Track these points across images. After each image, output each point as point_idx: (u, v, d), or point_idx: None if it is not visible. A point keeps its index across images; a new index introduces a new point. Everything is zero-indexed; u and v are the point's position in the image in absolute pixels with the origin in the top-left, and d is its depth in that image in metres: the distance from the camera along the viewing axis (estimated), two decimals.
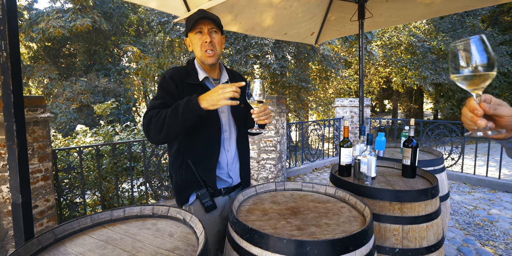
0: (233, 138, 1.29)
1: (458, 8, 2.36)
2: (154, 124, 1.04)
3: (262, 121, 1.08)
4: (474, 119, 0.56)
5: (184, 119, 1.01)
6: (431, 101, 14.49)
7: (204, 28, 1.16)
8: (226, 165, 1.26)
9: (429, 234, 1.29)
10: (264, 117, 1.07)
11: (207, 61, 1.19)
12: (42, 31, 9.00)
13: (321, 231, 0.95)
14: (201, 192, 1.18)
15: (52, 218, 2.29)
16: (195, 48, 1.20)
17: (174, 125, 1.02)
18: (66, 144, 3.33)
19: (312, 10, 2.61)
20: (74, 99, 9.78)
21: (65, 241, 0.87)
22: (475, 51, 0.53)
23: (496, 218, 2.92)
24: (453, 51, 0.56)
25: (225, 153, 1.25)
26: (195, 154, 1.20)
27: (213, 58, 1.19)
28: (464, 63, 0.54)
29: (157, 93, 1.17)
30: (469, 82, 0.55)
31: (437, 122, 4.85)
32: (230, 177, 1.28)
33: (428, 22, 10.24)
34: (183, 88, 1.17)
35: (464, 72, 0.55)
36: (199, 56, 1.21)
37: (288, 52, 8.28)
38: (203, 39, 1.16)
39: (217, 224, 1.26)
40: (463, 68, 0.55)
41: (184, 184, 1.21)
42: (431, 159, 2.02)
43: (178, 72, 1.21)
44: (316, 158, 5.25)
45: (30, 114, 2.10)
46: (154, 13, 8.60)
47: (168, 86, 1.15)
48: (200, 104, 0.99)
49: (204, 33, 1.16)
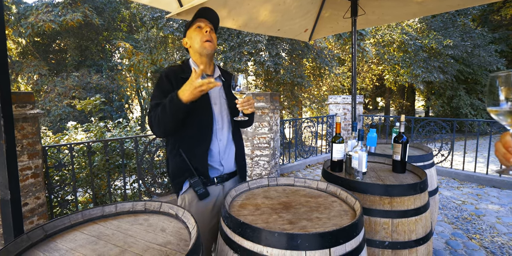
0: (226, 128, 1.36)
1: (449, 6, 2.38)
2: (154, 123, 1.18)
3: (246, 110, 1.19)
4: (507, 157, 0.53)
5: (172, 115, 1.12)
6: (422, 98, 14.71)
7: (203, 23, 1.29)
8: (218, 153, 1.32)
9: (418, 228, 1.32)
10: (248, 106, 1.17)
11: (206, 50, 1.28)
12: (31, 26, 8.76)
13: (312, 224, 0.96)
14: (193, 180, 1.25)
15: (43, 216, 2.26)
16: (194, 40, 1.28)
17: (167, 121, 1.14)
18: (56, 141, 3.28)
19: (306, 6, 2.61)
20: (66, 94, 9.60)
21: (55, 237, 0.87)
22: None
23: (483, 213, 3.00)
24: (493, 83, 0.52)
25: (217, 142, 1.31)
26: (188, 143, 1.27)
27: (212, 47, 1.29)
28: (504, 97, 0.51)
29: (154, 93, 1.26)
30: (508, 117, 0.52)
31: (428, 119, 4.94)
32: (221, 165, 1.33)
33: (420, 20, 10.35)
34: (178, 83, 1.23)
35: (503, 107, 0.51)
36: (198, 47, 1.28)
37: (282, 49, 8.27)
38: (203, 30, 1.27)
39: (212, 214, 1.32)
40: (502, 102, 0.52)
41: (178, 172, 1.28)
42: (421, 155, 2.06)
43: (173, 70, 1.29)
44: (309, 154, 5.29)
45: (18, 110, 2.06)
46: (146, 8, 8.46)
47: (163, 85, 1.24)
48: (181, 99, 1.08)
49: (203, 27, 1.28)
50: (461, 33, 9.90)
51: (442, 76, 9.58)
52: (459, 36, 9.72)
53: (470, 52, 9.77)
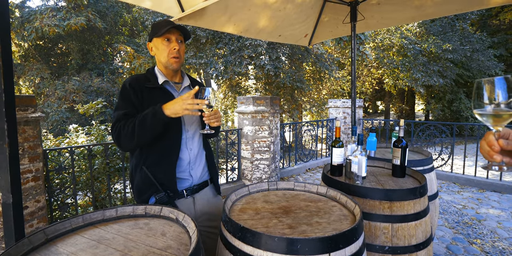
0: (196, 137, 1.32)
1: (447, 11, 2.41)
2: (124, 136, 1.11)
3: (212, 124, 1.17)
4: (490, 154, 0.57)
5: (152, 129, 1.09)
6: (422, 102, 14.75)
7: (172, 36, 1.23)
8: (187, 164, 1.27)
9: (418, 232, 1.32)
10: (214, 119, 1.16)
11: (172, 66, 1.26)
12: (35, 30, 8.84)
13: (312, 229, 0.97)
14: (159, 196, 1.19)
15: (43, 219, 2.26)
16: (161, 53, 1.25)
17: (144, 134, 1.10)
18: (57, 144, 3.29)
19: (306, 11, 2.64)
20: (66, 98, 9.62)
21: (56, 241, 0.87)
22: (499, 90, 0.55)
23: (484, 217, 2.99)
24: (478, 88, 0.57)
25: (187, 152, 1.27)
26: (154, 156, 1.21)
27: (178, 63, 1.26)
28: (488, 100, 0.56)
29: (118, 103, 1.21)
30: (491, 118, 0.57)
31: (427, 123, 4.95)
32: (191, 175, 1.28)
33: (419, 25, 10.43)
34: (142, 93, 1.21)
35: (487, 109, 0.56)
36: (164, 61, 1.26)
37: (282, 53, 8.32)
38: (171, 46, 1.23)
39: None
40: (486, 105, 0.56)
41: (143, 187, 1.21)
42: (421, 159, 2.07)
43: (137, 78, 1.25)
44: (309, 158, 5.29)
45: (20, 113, 2.07)
46: (148, 12, 8.54)
47: (128, 95, 1.19)
48: (164, 113, 1.07)
49: (172, 41, 1.24)
50: (460, 37, 9.97)
51: (441, 80, 9.61)
52: (458, 41, 9.78)
53: (469, 56, 9.83)
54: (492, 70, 9.80)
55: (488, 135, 0.59)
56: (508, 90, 0.54)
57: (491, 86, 0.56)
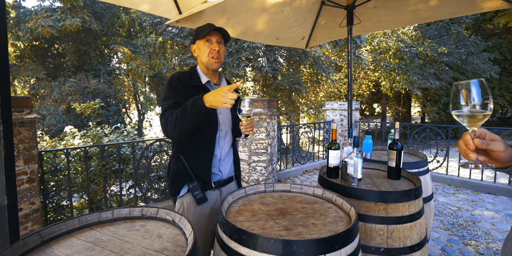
0: (228, 137, 1.42)
1: (442, 15, 2.45)
2: (169, 124, 1.17)
3: (248, 132, 1.26)
4: (466, 153, 0.61)
5: (192, 117, 1.13)
6: (418, 105, 14.85)
7: (213, 38, 1.33)
8: (218, 160, 1.37)
9: (413, 234, 1.33)
10: (250, 129, 1.25)
11: (212, 66, 1.34)
12: (30, 31, 8.78)
13: (308, 231, 0.97)
14: (192, 185, 1.28)
15: (37, 222, 2.23)
16: (202, 54, 1.33)
17: (185, 123, 1.15)
18: (53, 145, 3.26)
19: (303, 14, 2.67)
20: (62, 100, 9.55)
21: (51, 243, 0.87)
22: (474, 93, 0.58)
23: (479, 219, 3.02)
24: (455, 90, 0.60)
25: (219, 150, 1.37)
26: (190, 149, 1.31)
27: (218, 64, 1.35)
28: (464, 102, 0.59)
29: (167, 93, 1.27)
30: (467, 119, 0.60)
31: (423, 126, 4.99)
32: (220, 171, 1.39)
33: (415, 28, 10.54)
34: (186, 88, 1.28)
35: (463, 110, 0.60)
36: (205, 61, 1.34)
37: (280, 55, 8.36)
38: (212, 47, 1.32)
39: (209, 219, 1.34)
40: (463, 106, 0.60)
41: (178, 176, 1.31)
42: (416, 161, 2.09)
43: (183, 74, 1.34)
44: (306, 160, 5.30)
45: (16, 115, 2.06)
46: (146, 14, 8.54)
47: (177, 85, 1.28)
48: (205, 103, 1.10)
49: (213, 42, 1.32)
50: (455, 41, 10.09)
51: (438, 83, 9.71)
52: (453, 44, 9.90)
53: (464, 59, 9.95)
54: (487, 73, 9.93)
55: (465, 135, 0.62)
56: (482, 93, 0.58)
57: (467, 89, 0.59)
